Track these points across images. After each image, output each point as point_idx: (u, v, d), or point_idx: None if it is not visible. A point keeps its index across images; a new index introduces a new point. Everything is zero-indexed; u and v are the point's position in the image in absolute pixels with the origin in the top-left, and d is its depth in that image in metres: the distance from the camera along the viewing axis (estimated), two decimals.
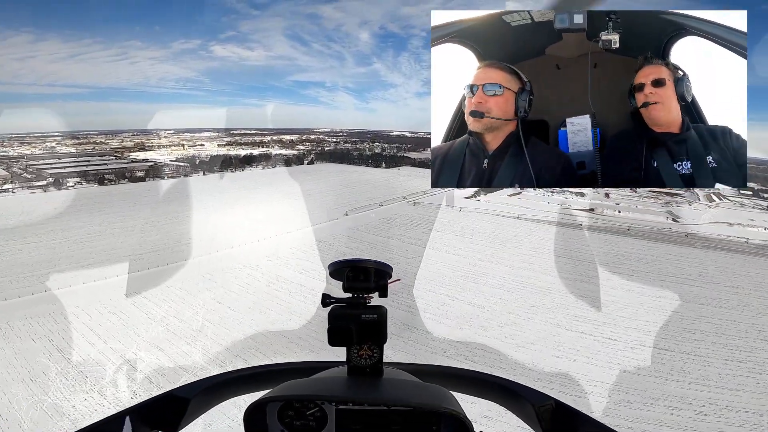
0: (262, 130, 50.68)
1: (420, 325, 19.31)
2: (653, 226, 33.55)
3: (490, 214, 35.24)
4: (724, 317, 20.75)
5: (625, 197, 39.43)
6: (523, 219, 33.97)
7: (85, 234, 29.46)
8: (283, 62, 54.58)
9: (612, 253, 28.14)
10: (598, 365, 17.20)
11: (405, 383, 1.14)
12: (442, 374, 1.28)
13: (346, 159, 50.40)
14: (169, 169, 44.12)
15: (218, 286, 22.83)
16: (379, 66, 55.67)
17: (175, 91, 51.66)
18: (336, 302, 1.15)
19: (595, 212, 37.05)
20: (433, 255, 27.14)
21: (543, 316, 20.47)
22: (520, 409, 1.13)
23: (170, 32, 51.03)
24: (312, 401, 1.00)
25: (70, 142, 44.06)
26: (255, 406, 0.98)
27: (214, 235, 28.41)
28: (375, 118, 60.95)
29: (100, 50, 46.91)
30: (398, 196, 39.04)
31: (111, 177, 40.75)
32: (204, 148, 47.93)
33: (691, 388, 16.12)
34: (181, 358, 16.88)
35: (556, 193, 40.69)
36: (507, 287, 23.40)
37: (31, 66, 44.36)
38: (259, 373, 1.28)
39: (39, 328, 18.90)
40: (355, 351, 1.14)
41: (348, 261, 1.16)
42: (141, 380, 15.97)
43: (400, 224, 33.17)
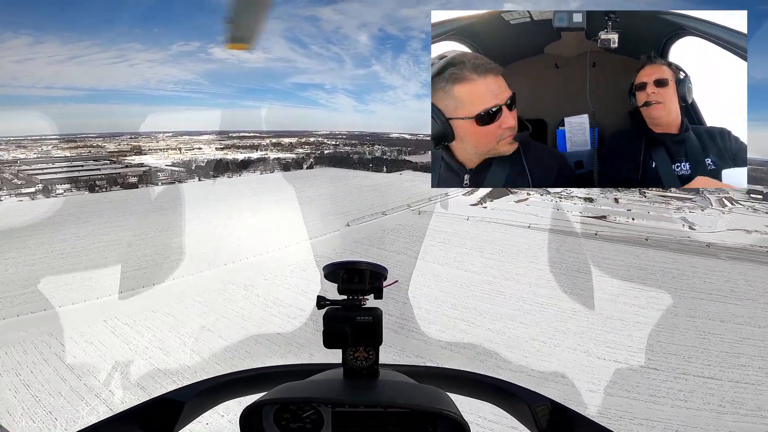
0: (261, 132, 51.23)
1: (435, 355, 17.26)
2: (671, 235, 31.51)
3: (499, 223, 33.36)
4: (767, 338, 18.93)
5: (635, 202, 37.92)
6: (534, 228, 31.87)
7: (69, 248, 27.28)
8: (282, 64, 55.43)
9: (635, 267, 26.11)
10: (641, 400, 15.66)
11: (401, 385, 1.15)
12: (437, 375, 1.29)
13: (346, 163, 49.92)
14: (163, 175, 42.81)
15: (209, 310, 20.88)
16: (378, 68, 56.22)
17: (173, 93, 52.19)
18: (331, 304, 1.15)
19: (609, 219, 35.23)
20: (443, 272, 25.35)
21: (570, 342, 18.59)
22: (515, 409, 1.14)
23: (169, 35, 52.36)
24: (308, 403, 1.02)
25: (67, 145, 43.79)
26: (251, 409, 0.98)
27: (206, 250, 26.65)
28: (374, 120, 61.21)
29: (99, 52, 46.55)
30: (401, 203, 36.94)
31: (102, 183, 39.46)
32: (201, 151, 47.58)
33: (746, 421, 14.63)
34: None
35: (564, 198, 39.24)
36: (527, 309, 21.40)
37: (30, 68, 44.15)
38: (254, 375, 1.28)
39: (6, 359, 17.01)
40: (350, 353, 1.15)
41: (343, 263, 1.17)
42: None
43: (406, 236, 31.00)
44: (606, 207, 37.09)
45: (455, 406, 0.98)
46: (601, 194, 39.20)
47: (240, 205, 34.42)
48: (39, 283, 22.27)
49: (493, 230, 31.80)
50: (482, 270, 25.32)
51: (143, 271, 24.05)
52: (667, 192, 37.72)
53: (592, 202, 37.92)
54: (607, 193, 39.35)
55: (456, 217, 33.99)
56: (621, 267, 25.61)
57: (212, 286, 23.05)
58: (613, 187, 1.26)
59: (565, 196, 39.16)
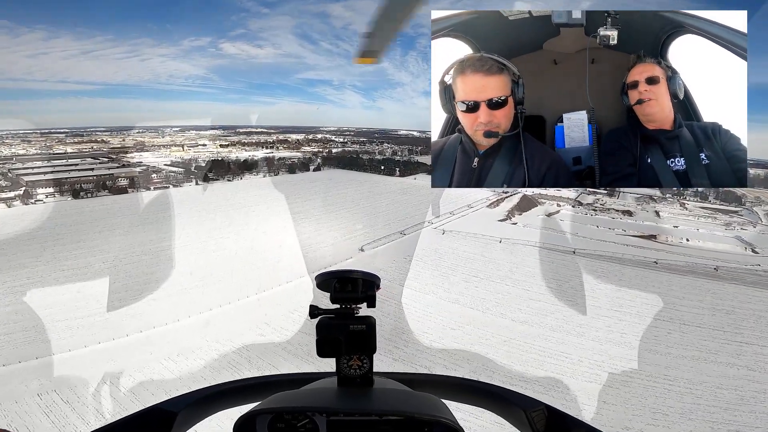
0: (269, 128, 53.31)
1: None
2: (737, 262, 27.61)
3: (536, 246, 29.38)
4: None
5: (678, 216, 35.92)
6: (582, 255, 27.88)
7: (25, 279, 22.62)
8: (291, 60, 56.64)
9: (720, 310, 21.53)
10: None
11: (396, 393, 1.20)
12: (432, 383, 1.36)
13: (356, 164, 50.28)
14: (159, 177, 42.18)
15: (181, 380, 16.61)
16: (386, 64, 58.20)
17: (184, 88, 54.06)
18: (324, 313, 1.21)
19: (660, 240, 31.40)
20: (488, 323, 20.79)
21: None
22: (511, 414, 1.19)
23: (181, 30, 53.59)
24: (302, 413, 1.06)
25: (72, 140, 45.45)
26: (245, 419, 1.03)
27: (189, 288, 22.80)
28: (382, 116, 63.34)
29: (112, 47, 48.79)
30: (420, 216, 33.82)
31: (89, 187, 38.04)
32: (205, 148, 48.57)
33: None
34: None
35: (599, 210, 37.59)
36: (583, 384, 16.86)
37: (43, 63, 46.64)
38: (248, 385, 1.33)
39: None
40: (344, 362, 1.21)
41: (335, 272, 1.23)
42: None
43: (433, 266, 26.39)
44: (648, 222, 34.58)
45: (450, 413, 1.05)
46: (638, 206, 37.47)
47: (231, 219, 31.15)
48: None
49: (532, 258, 27.59)
50: (532, 319, 20.44)
51: (106, 325, 19.08)
52: (708, 203, 36.44)
53: (632, 216, 36.10)
54: (644, 204, 37.76)
55: (488, 240, 30.22)
56: (705, 311, 21.53)
57: (191, 344, 18.38)
58: (613, 187, 1.52)
59: (599, 209, 37.71)
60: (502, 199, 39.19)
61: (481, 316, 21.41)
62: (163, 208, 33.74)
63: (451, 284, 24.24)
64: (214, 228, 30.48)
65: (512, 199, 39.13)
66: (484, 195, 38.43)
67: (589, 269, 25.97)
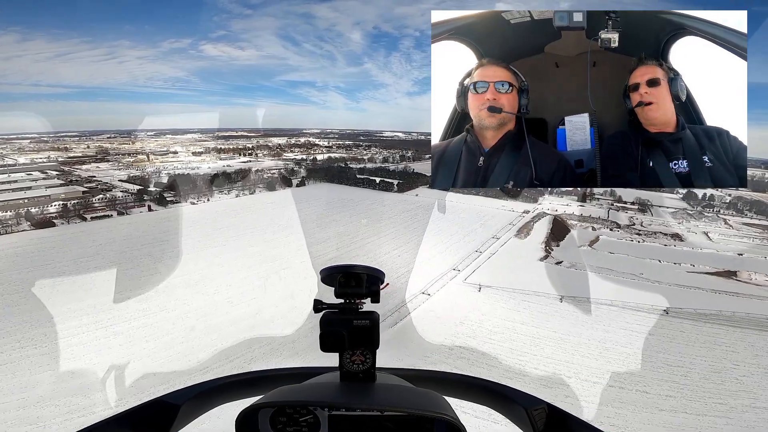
0: (250, 131, 55.95)
1: None
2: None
3: (596, 302, 24.22)
4: None
5: (730, 238, 34.35)
6: (677, 316, 22.36)
7: None
8: (274, 62, 60.66)
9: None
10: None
11: (398, 388, 1.32)
12: (434, 379, 1.51)
13: (344, 176, 50.76)
14: (101, 200, 39.36)
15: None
16: (370, 66, 63.94)
17: (163, 90, 57.46)
18: (328, 308, 1.33)
19: (741, 278, 25.44)
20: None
21: None
22: (512, 412, 1.32)
23: (161, 31, 57.52)
24: (305, 407, 1.17)
25: (32, 147, 46.82)
26: (247, 413, 1.13)
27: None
28: (366, 117, 68.92)
29: (88, 50, 51.75)
30: (437, 259, 28.67)
31: (8, 219, 33.80)
32: (176, 156, 49.50)
33: None
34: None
35: (647, 236, 35.50)
36: None
37: (17, 65, 49.53)
38: (250, 379, 1.48)
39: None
40: (347, 356, 1.34)
41: (340, 267, 1.35)
42: None
43: (472, 361, 20.68)
44: (707, 250, 30.30)
45: (452, 409, 1.15)
46: (679, 223, 36.87)
47: (195, 287, 25.42)
48: None
49: (593, 326, 22.26)
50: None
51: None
52: (743, 216, 36.48)
53: (682, 240, 33.59)
54: (683, 221, 37.04)
55: (535, 299, 24.45)
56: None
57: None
58: (613, 187, 1.78)
59: (642, 232, 35.49)
60: (529, 226, 36.38)
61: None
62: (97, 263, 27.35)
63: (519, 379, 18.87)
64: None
65: (542, 224, 36.19)
66: (492, 208, 37.45)
67: (714, 346, 19.68)
